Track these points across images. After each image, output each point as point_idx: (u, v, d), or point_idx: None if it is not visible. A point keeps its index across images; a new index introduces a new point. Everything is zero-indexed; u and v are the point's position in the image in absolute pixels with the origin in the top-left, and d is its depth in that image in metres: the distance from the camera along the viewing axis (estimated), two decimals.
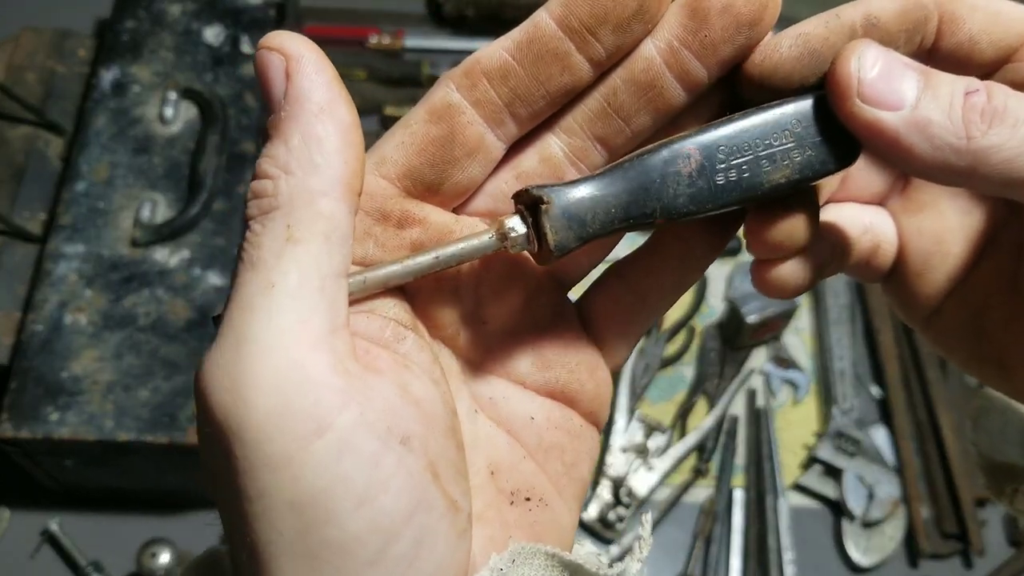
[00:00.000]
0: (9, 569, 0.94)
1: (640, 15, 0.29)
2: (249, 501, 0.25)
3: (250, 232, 0.27)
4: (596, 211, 0.29)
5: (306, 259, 0.26)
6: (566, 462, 0.33)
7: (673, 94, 0.30)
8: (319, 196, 0.27)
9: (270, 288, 0.26)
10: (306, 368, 0.25)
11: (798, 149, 0.30)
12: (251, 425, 0.25)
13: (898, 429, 1.02)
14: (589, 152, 0.31)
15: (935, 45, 0.30)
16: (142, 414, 0.83)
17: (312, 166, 0.27)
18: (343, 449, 0.25)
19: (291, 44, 0.27)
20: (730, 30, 0.29)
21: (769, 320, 1.02)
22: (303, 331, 0.26)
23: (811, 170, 0.30)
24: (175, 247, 0.90)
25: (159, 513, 0.96)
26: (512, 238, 0.29)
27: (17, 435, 0.82)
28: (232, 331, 0.26)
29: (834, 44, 0.29)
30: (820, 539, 0.99)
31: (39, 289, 0.87)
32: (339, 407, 0.25)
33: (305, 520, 0.25)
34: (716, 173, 0.30)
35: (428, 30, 1.22)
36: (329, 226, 0.27)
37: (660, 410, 1.04)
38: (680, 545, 0.98)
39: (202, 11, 1.01)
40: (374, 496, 0.26)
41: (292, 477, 0.25)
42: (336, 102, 0.27)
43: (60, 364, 0.84)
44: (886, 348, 1.06)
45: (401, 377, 0.28)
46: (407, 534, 0.26)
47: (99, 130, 0.95)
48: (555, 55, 0.29)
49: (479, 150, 0.30)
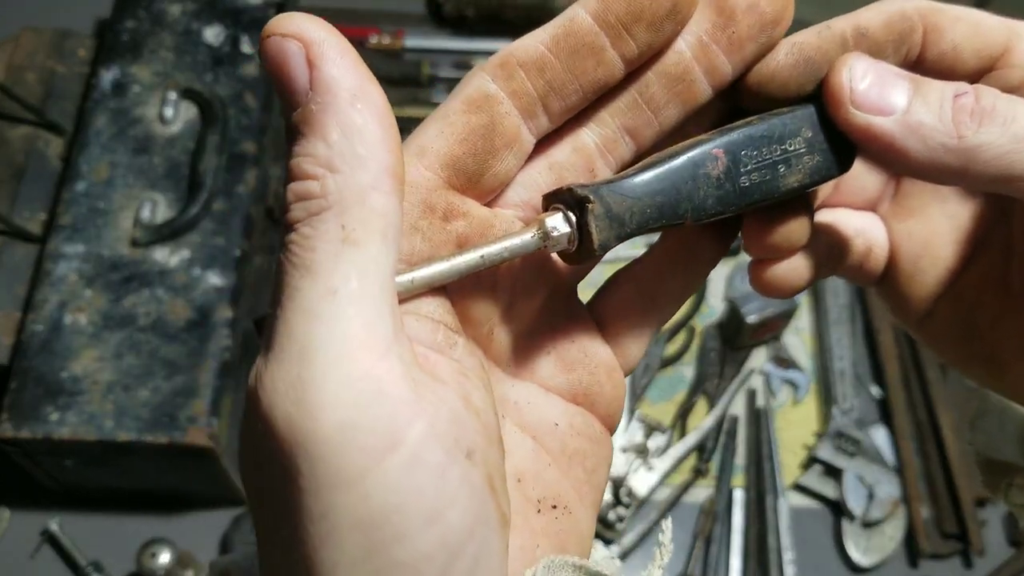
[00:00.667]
0: (9, 569, 0.94)
1: (673, 14, 0.29)
2: (313, 521, 0.24)
3: (298, 235, 0.25)
4: (634, 211, 0.29)
5: (366, 261, 0.25)
6: (587, 468, 0.32)
7: (701, 88, 0.31)
8: (370, 191, 0.25)
9: (332, 294, 0.24)
10: (378, 379, 0.24)
11: (809, 154, 0.31)
12: (321, 439, 0.23)
13: (898, 429, 1.02)
14: (618, 143, 0.31)
15: (921, 55, 0.31)
16: (142, 414, 0.83)
17: (358, 160, 0.25)
18: (414, 464, 0.24)
19: (309, 28, 0.25)
20: (755, 28, 0.30)
21: (769, 320, 1.02)
22: (370, 339, 0.24)
23: (819, 174, 0.31)
24: (175, 247, 0.90)
25: (159, 513, 0.96)
26: (554, 237, 0.29)
27: (17, 435, 0.82)
28: (294, 341, 0.24)
29: (827, 52, 0.30)
30: (820, 539, 0.99)
31: (39, 289, 0.87)
32: (410, 420, 0.24)
33: (373, 540, 0.24)
34: (740, 176, 0.30)
35: (428, 30, 1.22)
36: (384, 223, 0.25)
37: (660, 410, 1.04)
38: (680, 545, 0.98)
39: (202, 11, 1.01)
40: (442, 512, 0.24)
41: (363, 495, 0.24)
42: (367, 86, 0.25)
43: (60, 364, 0.84)
44: (886, 348, 1.06)
45: (463, 386, 0.27)
46: (469, 550, 0.25)
47: (99, 130, 0.95)
48: (591, 49, 0.29)
49: (516, 141, 0.30)
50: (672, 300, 0.35)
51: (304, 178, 0.25)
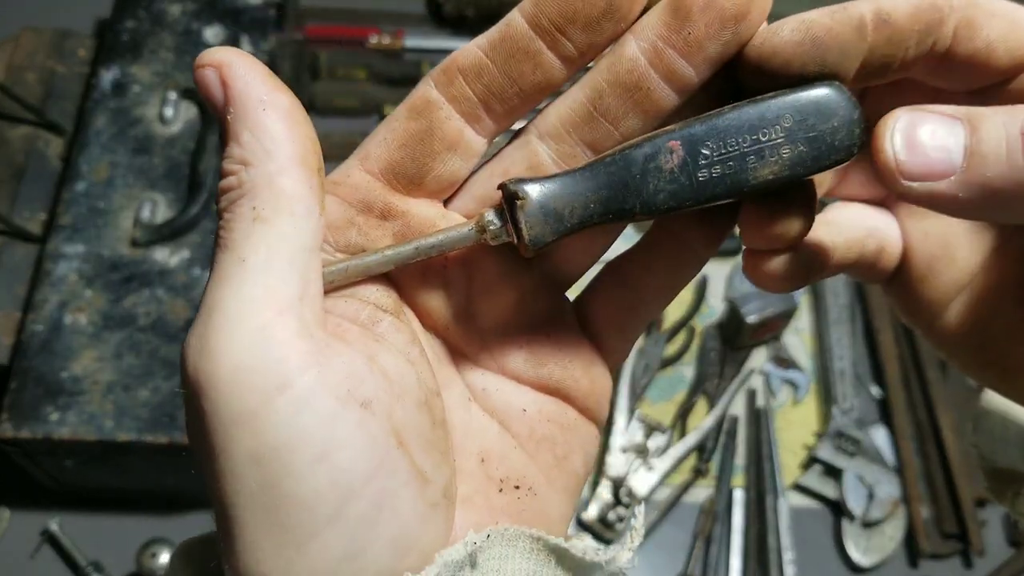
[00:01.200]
0: (9, 569, 0.94)
1: (610, 14, 0.29)
2: (216, 457, 0.27)
3: (221, 220, 0.29)
4: (574, 206, 0.30)
5: (273, 235, 0.28)
6: (557, 454, 0.33)
7: (661, 95, 0.30)
8: (276, 176, 0.28)
9: (241, 263, 0.27)
10: (271, 330, 0.27)
11: (789, 144, 0.29)
12: (217, 381, 0.27)
13: (898, 429, 1.02)
14: (578, 158, 0.31)
15: (950, 50, 0.29)
16: (142, 414, 0.83)
17: (265, 153, 0.28)
18: (302, 407, 0.27)
19: (219, 55, 0.29)
20: (715, 26, 0.28)
21: (769, 320, 1.02)
22: (270, 299, 0.27)
23: (803, 166, 0.29)
24: (175, 247, 0.90)
25: (159, 513, 0.96)
26: (490, 231, 0.30)
27: (17, 435, 0.82)
28: (205, 303, 0.28)
29: (839, 35, 0.28)
30: (820, 539, 0.99)
31: (39, 289, 0.87)
32: (301, 368, 0.27)
33: (266, 473, 0.26)
34: (699, 169, 0.29)
35: (428, 30, 1.22)
36: (291, 202, 0.28)
37: (660, 410, 1.04)
38: (680, 545, 0.98)
39: (202, 11, 1.01)
40: (332, 452, 0.27)
41: (254, 431, 0.26)
42: (274, 92, 0.29)
43: (60, 364, 0.84)
44: (886, 348, 1.06)
45: (369, 349, 0.30)
46: (366, 495, 0.27)
47: (99, 130, 0.95)
48: (526, 53, 0.30)
49: (459, 144, 0.31)
50: (660, 295, 0.34)
51: (226, 175, 0.29)
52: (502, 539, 0.30)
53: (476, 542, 0.29)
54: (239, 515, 0.27)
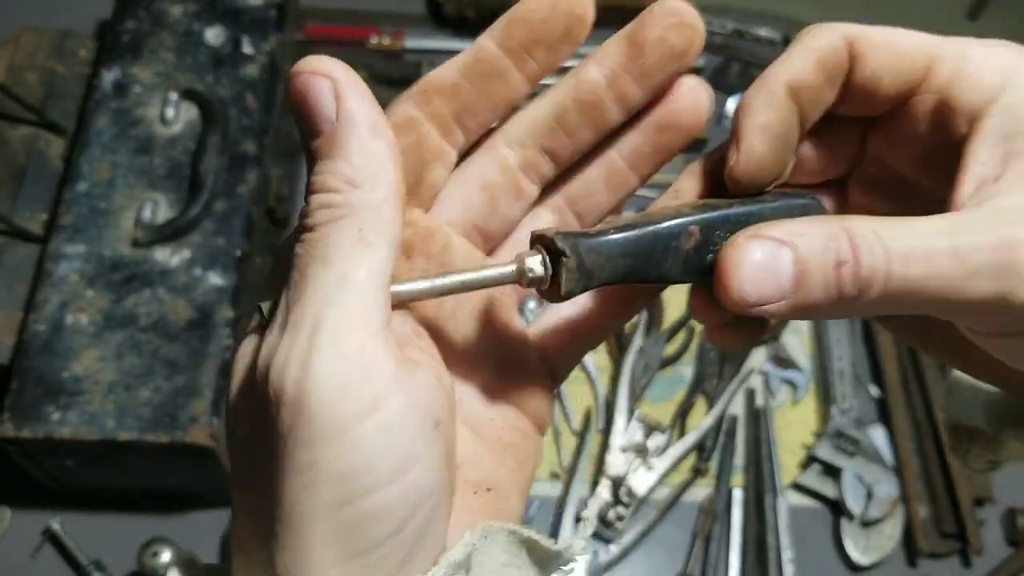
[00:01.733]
0: (10, 568, 0.94)
1: (567, 36, 0.33)
2: (298, 472, 0.28)
3: (316, 234, 0.29)
4: (605, 267, 0.32)
5: (375, 260, 0.29)
6: (518, 460, 0.36)
7: (611, 114, 0.35)
8: (382, 205, 0.30)
9: (344, 280, 0.28)
10: (369, 352, 0.28)
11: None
12: (319, 398, 0.27)
13: (897, 429, 1.02)
14: (539, 163, 0.35)
15: (847, 80, 0.33)
16: (143, 414, 0.83)
17: (374, 179, 0.29)
18: (391, 428, 0.28)
19: (335, 69, 0.30)
20: (664, 59, 0.33)
21: None
22: (367, 321, 0.29)
23: None
24: (176, 247, 0.90)
25: (160, 512, 0.96)
26: (529, 277, 0.32)
27: (18, 435, 0.82)
28: (307, 318, 0.28)
29: (784, 119, 0.33)
30: (819, 538, 0.99)
31: (40, 289, 0.88)
32: (390, 390, 0.28)
33: (347, 490, 0.28)
34: (709, 252, 0.32)
35: (428, 31, 1.23)
36: (392, 233, 0.30)
37: (659, 410, 1.04)
38: (680, 544, 0.98)
39: (203, 12, 1.01)
40: (407, 470, 0.28)
41: (342, 450, 0.27)
42: (381, 120, 0.30)
43: (61, 364, 0.85)
44: (885, 348, 1.07)
45: (435, 368, 0.32)
46: (424, 510, 0.29)
47: (100, 130, 0.95)
48: (498, 72, 0.34)
49: (441, 154, 0.34)
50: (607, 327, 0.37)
51: (328, 190, 0.30)
52: (491, 535, 0.32)
53: (475, 543, 0.31)
54: (308, 526, 0.28)
